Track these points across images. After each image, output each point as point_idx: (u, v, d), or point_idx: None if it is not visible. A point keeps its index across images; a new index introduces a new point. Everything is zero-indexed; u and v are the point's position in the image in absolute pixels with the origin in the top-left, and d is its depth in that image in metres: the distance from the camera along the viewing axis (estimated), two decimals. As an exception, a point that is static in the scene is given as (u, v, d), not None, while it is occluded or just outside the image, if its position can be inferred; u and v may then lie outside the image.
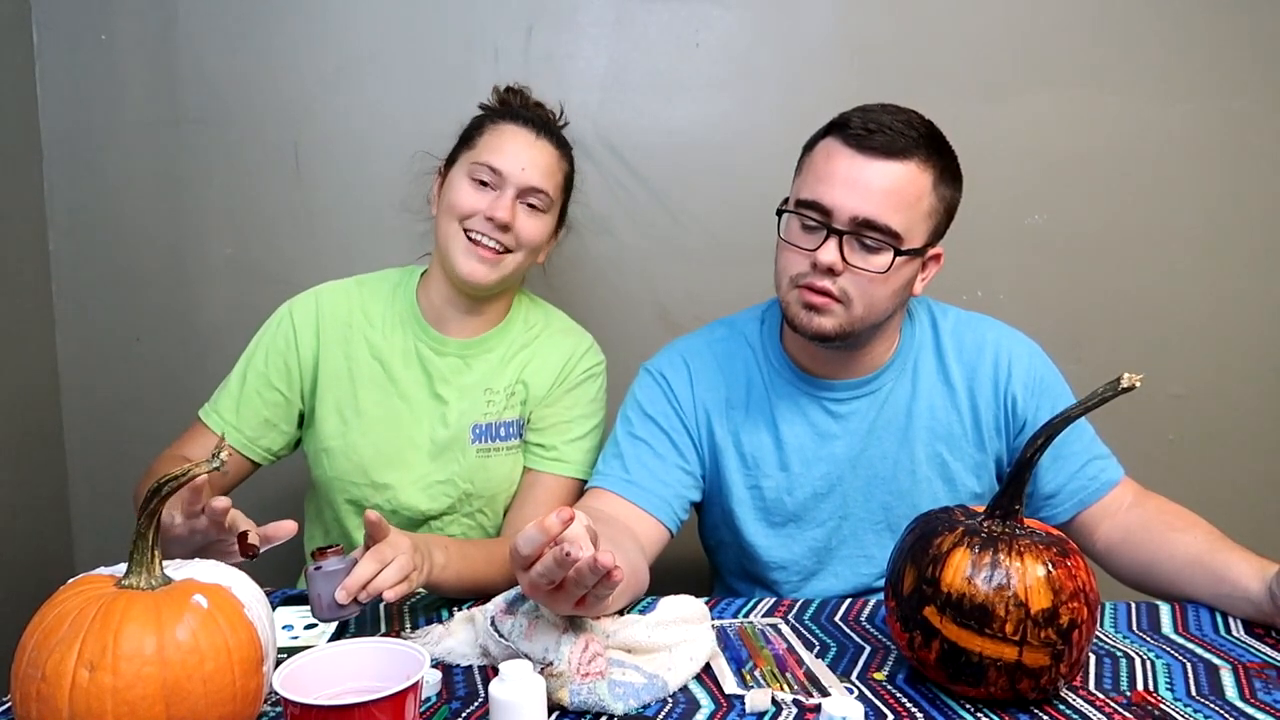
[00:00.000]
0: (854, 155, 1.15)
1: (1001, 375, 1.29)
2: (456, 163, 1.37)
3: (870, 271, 1.15)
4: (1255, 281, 1.82)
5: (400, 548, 1.05)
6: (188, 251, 1.82)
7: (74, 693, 0.73)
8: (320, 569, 1.01)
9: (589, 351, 1.44)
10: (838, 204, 1.14)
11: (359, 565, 1.01)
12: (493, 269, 1.33)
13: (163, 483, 0.81)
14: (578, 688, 0.90)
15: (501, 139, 1.34)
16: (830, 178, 1.16)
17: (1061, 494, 1.29)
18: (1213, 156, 1.78)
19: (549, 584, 0.88)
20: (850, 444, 1.29)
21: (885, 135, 1.14)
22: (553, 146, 1.37)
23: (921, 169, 1.16)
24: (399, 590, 1.03)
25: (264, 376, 1.37)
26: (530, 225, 1.34)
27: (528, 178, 1.32)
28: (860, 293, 1.16)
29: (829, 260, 1.15)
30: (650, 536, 1.24)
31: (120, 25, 1.76)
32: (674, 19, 1.76)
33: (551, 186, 1.35)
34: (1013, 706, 0.92)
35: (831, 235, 1.15)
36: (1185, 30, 1.75)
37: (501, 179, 1.32)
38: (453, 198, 1.33)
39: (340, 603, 1.00)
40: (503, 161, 1.32)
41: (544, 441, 1.40)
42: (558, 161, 1.37)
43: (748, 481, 1.31)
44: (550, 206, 1.37)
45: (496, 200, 1.32)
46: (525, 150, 1.33)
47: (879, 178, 1.14)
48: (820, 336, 1.19)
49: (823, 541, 1.31)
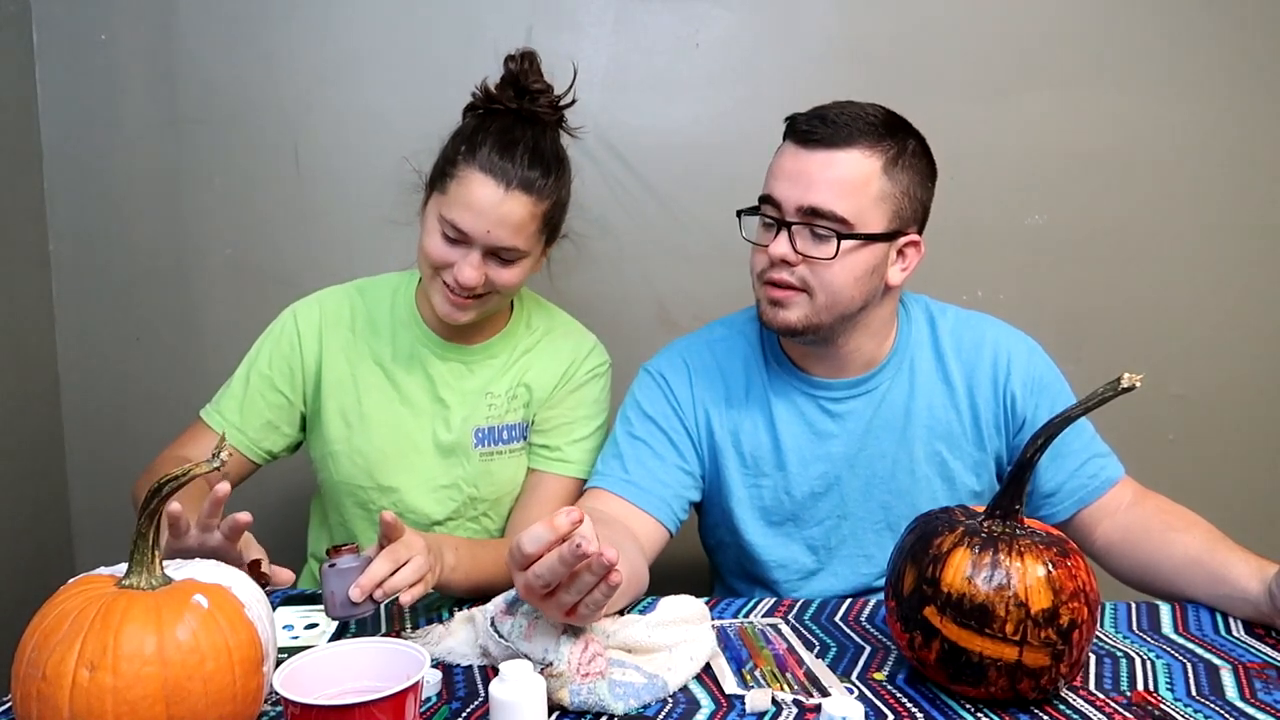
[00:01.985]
0: (798, 150, 1.20)
1: (1001, 373, 1.29)
2: (431, 199, 1.29)
3: (820, 259, 1.18)
4: (1256, 281, 1.82)
5: (415, 548, 1.04)
6: (188, 251, 1.82)
7: (74, 692, 0.73)
8: (335, 566, 1.01)
9: (593, 352, 1.44)
10: (784, 196, 1.19)
11: (373, 564, 1.01)
12: (470, 312, 1.29)
13: (163, 483, 0.81)
14: (578, 688, 0.90)
15: (469, 193, 1.22)
16: (779, 173, 1.21)
17: (1061, 492, 1.29)
18: (1213, 156, 1.78)
19: (544, 586, 0.87)
20: (848, 443, 1.29)
21: (827, 128, 1.18)
22: (526, 193, 1.23)
23: (866, 155, 1.18)
24: (415, 592, 1.02)
25: (267, 379, 1.37)
26: (503, 274, 1.27)
27: (494, 239, 1.23)
28: (819, 282, 1.19)
29: (780, 252, 1.18)
30: (650, 537, 1.24)
31: (120, 25, 1.76)
32: (674, 19, 1.76)
33: (523, 239, 1.25)
34: (1013, 706, 0.92)
35: (782, 228, 1.19)
36: (1186, 30, 1.75)
37: (468, 238, 1.24)
38: (425, 246, 1.27)
39: (354, 601, 1.00)
40: (469, 222, 1.22)
41: (548, 442, 1.40)
42: (532, 208, 1.25)
43: (747, 481, 1.31)
44: (524, 255, 1.27)
45: (464, 260, 1.24)
46: (492, 210, 1.22)
47: (820, 167, 1.18)
48: (787, 330, 1.21)
49: (822, 541, 1.32)
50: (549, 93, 1.32)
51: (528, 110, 1.29)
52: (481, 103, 1.32)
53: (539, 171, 1.25)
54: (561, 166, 1.30)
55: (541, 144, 1.28)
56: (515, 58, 1.30)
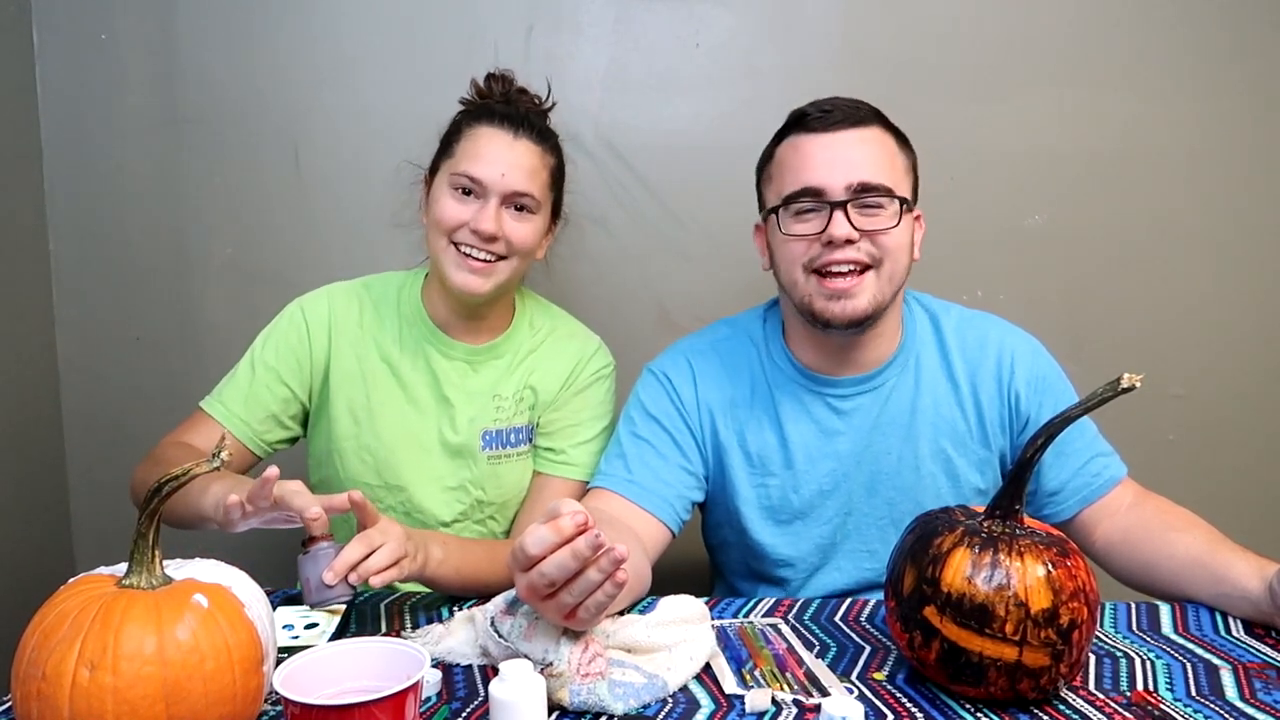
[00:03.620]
0: (823, 135, 1.21)
1: (1005, 372, 1.29)
2: (439, 172, 1.33)
3: (885, 227, 1.19)
4: (1256, 281, 1.82)
5: (390, 534, 1.05)
6: (188, 251, 1.82)
7: (74, 692, 0.73)
8: (309, 553, 1.03)
9: (597, 353, 1.44)
10: (828, 181, 1.19)
11: (347, 548, 1.02)
12: (487, 279, 1.30)
13: (162, 483, 0.81)
14: (578, 688, 0.90)
15: (478, 144, 1.29)
16: (810, 161, 1.21)
17: (1065, 490, 1.29)
18: (1214, 156, 1.78)
19: (549, 585, 0.87)
20: (855, 440, 1.29)
21: (843, 110, 1.21)
22: (534, 143, 1.31)
23: (885, 132, 1.23)
24: (388, 575, 1.03)
25: (274, 371, 1.36)
26: (519, 229, 1.30)
27: (509, 183, 1.28)
28: (884, 252, 1.20)
29: (843, 233, 1.18)
30: (652, 537, 1.24)
31: (120, 25, 1.76)
32: (674, 19, 1.76)
33: (537, 186, 1.31)
34: (1013, 706, 0.92)
35: (835, 209, 1.18)
36: (1186, 30, 1.75)
37: (483, 187, 1.28)
38: (437, 212, 1.30)
39: (327, 584, 1.00)
40: (482, 169, 1.27)
41: (553, 445, 1.40)
42: (541, 158, 1.32)
43: (753, 480, 1.31)
44: (539, 206, 1.32)
45: (481, 211, 1.28)
46: (504, 154, 1.28)
47: (856, 145, 1.20)
48: (856, 319, 1.21)
49: (829, 538, 1.32)
50: (529, 95, 1.40)
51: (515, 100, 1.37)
52: (474, 98, 1.39)
53: (541, 132, 1.34)
54: (558, 141, 1.38)
55: (539, 115, 1.37)
56: (495, 78, 1.39)
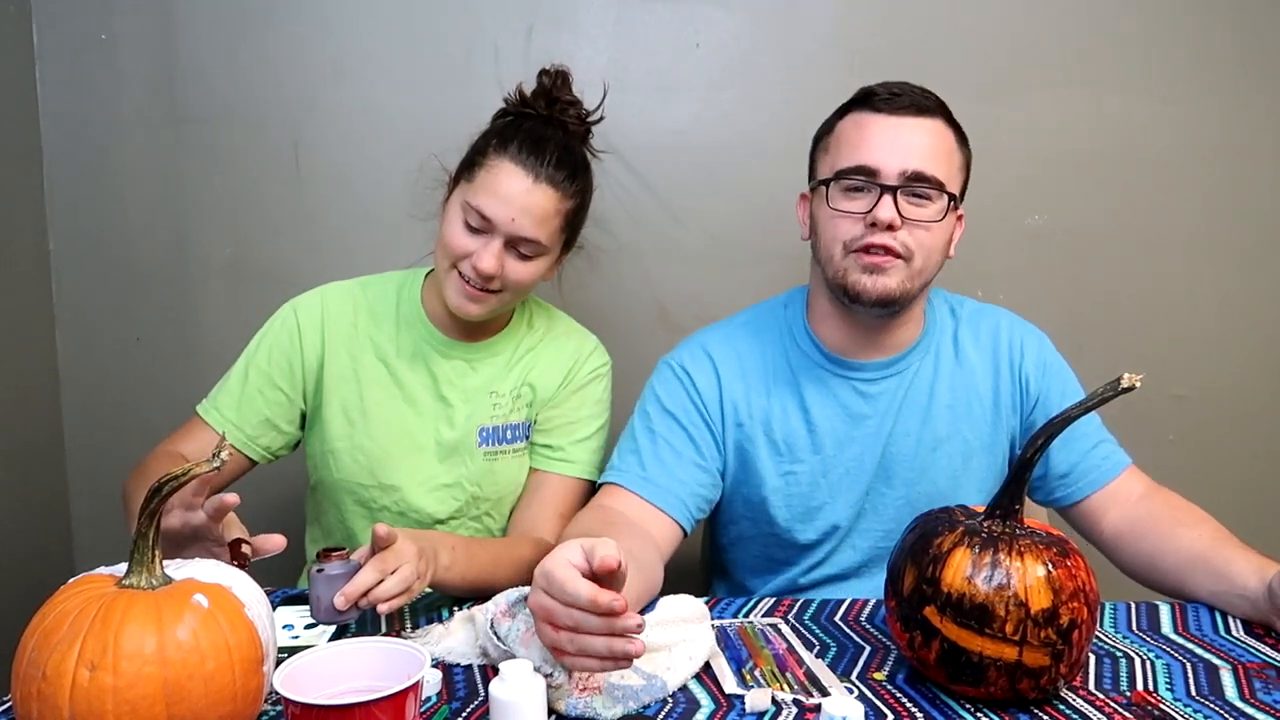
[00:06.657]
0: (887, 117, 1.21)
1: (1015, 356, 1.33)
2: (457, 188, 1.32)
3: (927, 221, 1.20)
4: (1255, 281, 1.82)
5: (405, 556, 1.05)
6: (188, 251, 1.82)
7: (75, 692, 0.73)
8: (323, 571, 1.02)
9: (595, 352, 1.44)
10: (884, 163, 1.19)
11: (360, 573, 1.02)
12: (482, 306, 1.30)
13: (163, 482, 0.80)
14: (574, 702, 0.89)
15: (497, 180, 1.25)
16: (870, 140, 1.21)
17: (1075, 472, 1.30)
18: (1213, 156, 1.78)
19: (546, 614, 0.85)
20: (880, 423, 1.30)
21: (911, 96, 1.22)
22: (553, 187, 1.27)
23: (946, 126, 1.24)
24: (397, 602, 1.03)
25: (266, 375, 1.36)
26: (519, 270, 1.29)
27: (517, 228, 1.25)
28: (918, 245, 1.21)
29: (888, 216, 1.18)
30: (666, 536, 1.23)
31: (120, 25, 1.76)
32: (674, 19, 1.76)
33: (545, 233, 1.28)
34: (1013, 706, 0.92)
35: (885, 193, 1.19)
36: (1186, 30, 1.75)
37: (491, 225, 1.26)
38: (445, 235, 1.29)
39: (339, 609, 1.01)
40: (494, 209, 1.25)
41: (551, 442, 1.40)
42: (558, 203, 1.28)
43: (780, 469, 1.30)
44: (546, 250, 1.30)
45: (484, 248, 1.26)
46: (519, 198, 1.25)
47: (917, 133, 1.21)
48: (884, 297, 1.21)
49: (850, 521, 1.32)
50: (578, 106, 1.37)
51: (557, 118, 1.34)
52: (514, 107, 1.36)
53: (566, 171, 1.29)
54: (587, 173, 1.35)
55: (571, 147, 1.32)
56: (550, 73, 1.36)
